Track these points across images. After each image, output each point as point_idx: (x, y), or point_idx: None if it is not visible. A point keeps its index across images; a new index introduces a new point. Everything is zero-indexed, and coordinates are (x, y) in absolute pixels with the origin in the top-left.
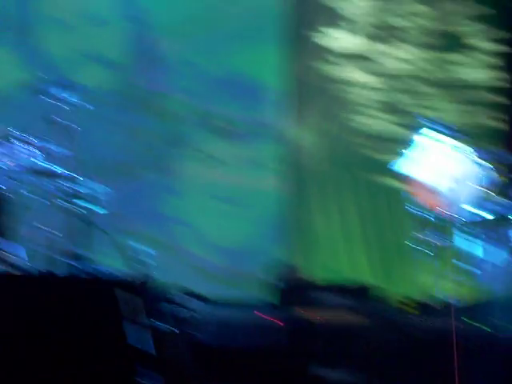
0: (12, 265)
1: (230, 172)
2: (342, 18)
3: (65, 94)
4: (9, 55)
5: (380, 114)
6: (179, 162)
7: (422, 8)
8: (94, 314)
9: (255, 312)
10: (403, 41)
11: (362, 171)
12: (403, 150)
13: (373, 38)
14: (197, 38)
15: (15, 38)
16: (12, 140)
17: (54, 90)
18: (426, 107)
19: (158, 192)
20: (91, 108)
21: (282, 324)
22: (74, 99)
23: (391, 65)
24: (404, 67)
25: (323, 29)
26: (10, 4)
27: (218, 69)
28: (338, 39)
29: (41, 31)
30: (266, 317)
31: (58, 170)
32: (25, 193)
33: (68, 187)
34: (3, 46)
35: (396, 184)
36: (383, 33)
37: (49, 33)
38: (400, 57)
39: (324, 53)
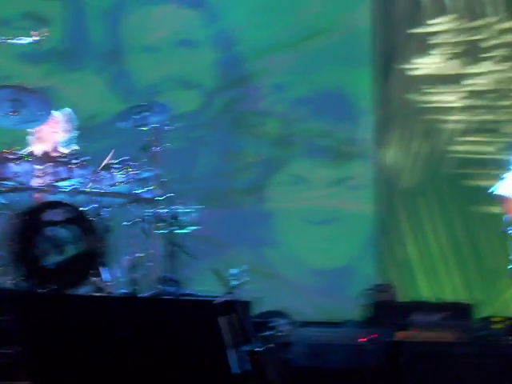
0: (105, 288)
1: (325, 194)
2: (431, 42)
3: (157, 119)
4: (100, 82)
5: (472, 136)
6: (274, 185)
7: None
8: (191, 334)
9: (351, 332)
10: (492, 59)
11: (456, 193)
12: (498, 171)
13: (461, 59)
14: (286, 58)
15: (106, 66)
16: (107, 167)
17: (145, 116)
18: None
19: (253, 215)
20: (184, 132)
21: (377, 343)
22: (166, 124)
23: (481, 85)
24: (495, 86)
25: (413, 53)
26: (100, 32)
27: (309, 90)
28: (428, 63)
29: (131, 58)
30: (362, 337)
31: (151, 195)
32: (118, 218)
33: (161, 212)
34: (95, 73)
35: (490, 205)
36: (471, 53)
37: (139, 59)
38: (490, 76)
39: (415, 76)
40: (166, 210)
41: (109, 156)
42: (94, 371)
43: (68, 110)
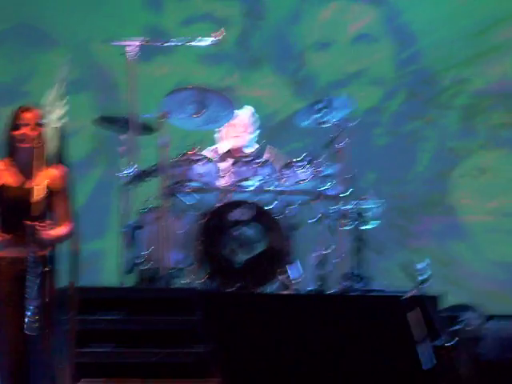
0: (292, 286)
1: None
2: None
3: (339, 115)
4: (279, 81)
5: None
6: (457, 176)
7: None
8: (379, 330)
9: None
10: None
11: None
12: None
13: None
14: (464, 50)
15: (285, 64)
16: (292, 164)
17: (326, 112)
18: None
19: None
20: (364, 128)
21: None
22: (348, 120)
23: None
24: None
25: None
26: (277, 31)
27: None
28: None
29: (309, 55)
30: None
31: (335, 191)
32: (303, 216)
33: (345, 208)
34: (274, 72)
35: None
36: None
37: (317, 56)
38: None
39: None
40: (350, 206)
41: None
42: (282, 368)
43: (250, 108)
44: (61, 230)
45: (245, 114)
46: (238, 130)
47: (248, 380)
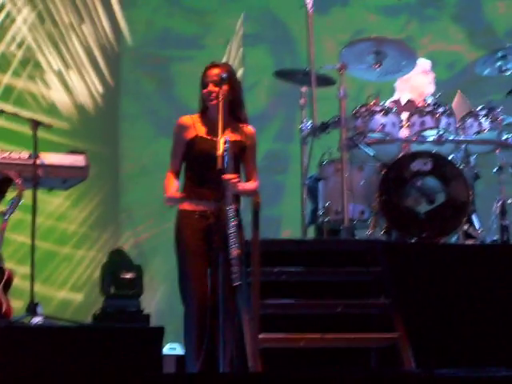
0: (476, 236)
1: None
2: None
3: None
4: (456, 30)
5: None
6: None
7: None
8: None
9: None
10: None
11: None
12: None
13: None
14: None
15: (462, 13)
16: (473, 114)
17: (509, 60)
18: None
19: None
20: None
21: None
22: None
23: None
24: None
25: None
26: None
27: None
28: None
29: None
30: None
31: None
32: (486, 165)
33: None
34: (451, 21)
35: None
36: None
37: (494, 6)
38: None
39: None
40: None
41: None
42: (465, 324)
43: (426, 61)
44: (251, 185)
45: (424, 65)
46: (419, 80)
47: (430, 334)
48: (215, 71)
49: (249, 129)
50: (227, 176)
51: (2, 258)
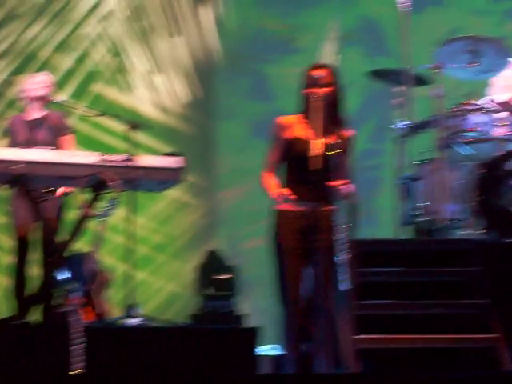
0: None
1: None
2: None
3: None
4: None
5: None
6: None
7: None
8: None
9: None
10: None
11: None
12: None
13: None
14: None
15: None
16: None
17: None
18: None
19: None
20: None
21: None
22: None
23: None
24: None
25: None
26: None
27: None
28: None
29: None
30: None
31: None
32: None
33: None
34: None
35: None
36: None
37: None
38: None
39: None
40: None
41: None
42: None
43: None
44: (351, 187)
45: None
46: None
47: None
48: (318, 72)
49: (348, 131)
50: (335, 183)
51: (97, 259)
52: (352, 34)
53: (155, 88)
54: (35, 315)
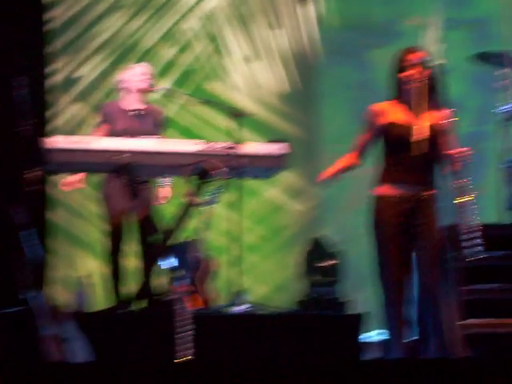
0: None
1: None
2: None
3: None
4: None
5: None
6: None
7: None
8: None
9: None
10: None
11: None
12: None
13: None
14: None
15: None
16: None
17: None
18: None
19: None
20: None
21: None
22: None
23: None
24: None
25: None
26: None
27: None
28: None
29: None
30: None
31: None
32: None
33: None
34: None
35: None
36: None
37: None
38: None
39: None
40: None
41: None
42: None
43: None
44: (469, 152)
45: None
46: None
47: None
48: (415, 55)
49: (445, 113)
50: (459, 149)
51: (199, 247)
52: (456, 17)
53: (256, 83)
54: (140, 304)
